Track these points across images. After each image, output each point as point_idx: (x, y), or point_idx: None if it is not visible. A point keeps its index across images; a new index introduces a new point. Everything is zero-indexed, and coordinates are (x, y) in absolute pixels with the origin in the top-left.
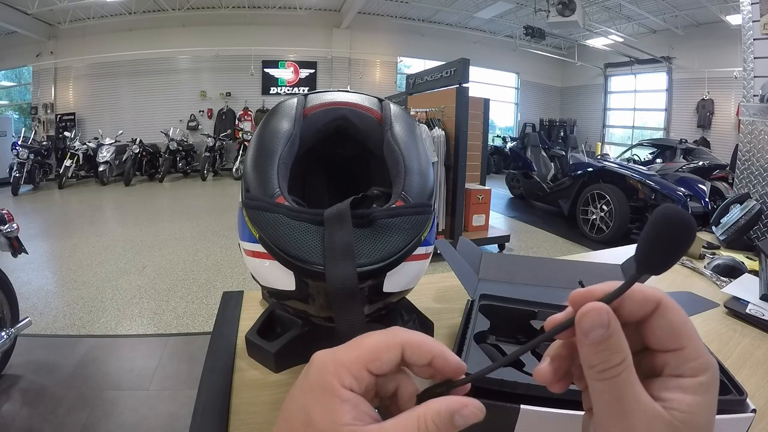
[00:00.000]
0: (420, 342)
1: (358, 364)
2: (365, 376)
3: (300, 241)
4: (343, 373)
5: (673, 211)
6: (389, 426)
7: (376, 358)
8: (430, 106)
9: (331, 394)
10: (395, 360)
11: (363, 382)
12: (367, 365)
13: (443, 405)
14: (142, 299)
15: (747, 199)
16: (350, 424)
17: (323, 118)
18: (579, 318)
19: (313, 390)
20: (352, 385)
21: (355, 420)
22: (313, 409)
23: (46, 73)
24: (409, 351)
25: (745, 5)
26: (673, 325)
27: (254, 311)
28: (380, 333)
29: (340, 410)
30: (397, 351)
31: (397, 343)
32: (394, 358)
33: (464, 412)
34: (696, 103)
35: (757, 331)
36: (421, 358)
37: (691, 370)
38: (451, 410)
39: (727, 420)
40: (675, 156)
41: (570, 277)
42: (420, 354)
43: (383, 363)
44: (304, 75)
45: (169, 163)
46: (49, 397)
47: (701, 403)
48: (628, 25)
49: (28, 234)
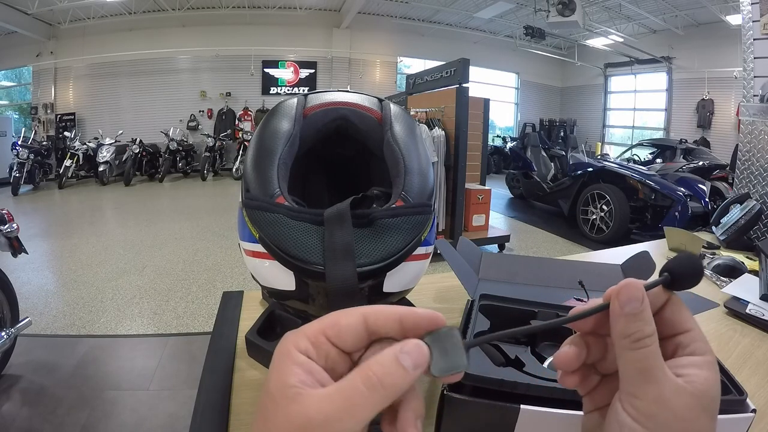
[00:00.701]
0: (383, 307)
1: (317, 330)
2: (323, 343)
3: (300, 241)
4: (300, 339)
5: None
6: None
7: (334, 325)
8: (430, 106)
9: (285, 357)
10: (355, 327)
11: (321, 350)
12: (324, 332)
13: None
14: (142, 299)
15: (747, 199)
16: (295, 386)
17: (323, 118)
18: (617, 292)
19: (274, 358)
20: (308, 350)
21: (302, 383)
22: (270, 375)
23: (46, 73)
24: (371, 318)
25: (745, 5)
26: (683, 311)
27: (254, 311)
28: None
29: (289, 371)
30: (356, 318)
31: (357, 312)
32: (353, 324)
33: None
34: (696, 103)
35: (757, 331)
36: (387, 323)
37: (699, 348)
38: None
39: (727, 420)
40: (675, 156)
41: (570, 277)
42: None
43: (342, 330)
44: (304, 75)
45: (169, 163)
46: (49, 397)
47: (712, 378)
48: (628, 25)
49: (28, 234)
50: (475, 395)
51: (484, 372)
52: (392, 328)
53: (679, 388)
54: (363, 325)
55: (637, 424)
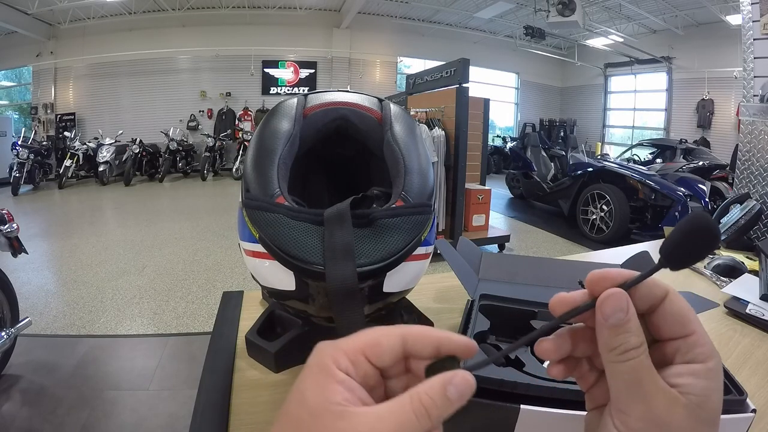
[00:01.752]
0: (422, 330)
1: (356, 349)
2: (362, 361)
3: (300, 241)
4: (340, 357)
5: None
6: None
7: (374, 344)
8: (430, 106)
9: (325, 374)
10: (394, 348)
11: (360, 369)
12: (364, 351)
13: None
14: (142, 299)
15: (747, 199)
16: (341, 404)
17: (323, 118)
18: (600, 302)
19: (311, 371)
20: (348, 368)
21: (347, 401)
22: (308, 388)
23: (46, 73)
24: (411, 340)
25: (745, 5)
26: (681, 312)
27: (254, 311)
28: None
29: (332, 389)
30: (396, 339)
31: (397, 333)
32: (393, 345)
33: (456, 381)
34: (696, 103)
35: (757, 331)
36: (425, 347)
37: (701, 355)
38: (443, 381)
39: (727, 420)
40: (675, 156)
41: (570, 277)
42: (423, 342)
43: (381, 350)
44: (304, 75)
45: (169, 163)
46: (49, 397)
47: (712, 387)
48: (628, 25)
49: (28, 234)
50: (475, 395)
51: (484, 372)
52: (428, 353)
53: (672, 401)
54: (401, 346)
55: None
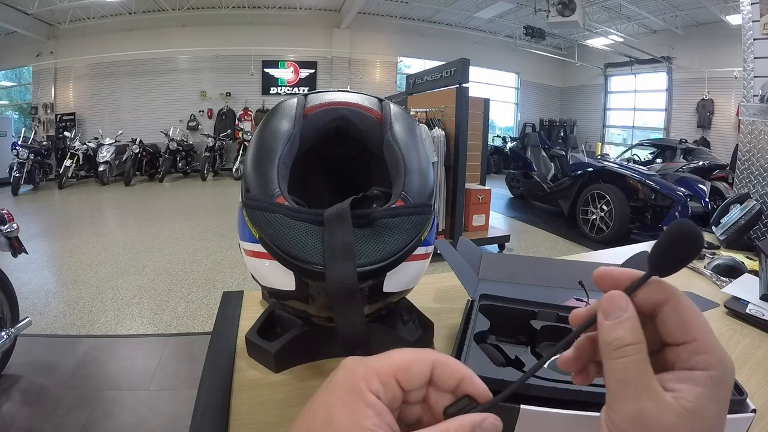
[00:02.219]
0: (450, 362)
1: (388, 372)
2: (393, 385)
3: (300, 241)
4: (372, 378)
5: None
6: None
7: (406, 369)
8: (430, 106)
9: (356, 396)
10: (424, 375)
11: (390, 392)
12: (396, 375)
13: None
14: (142, 299)
15: (747, 199)
16: (370, 429)
17: (323, 118)
18: (600, 303)
19: (339, 390)
20: (379, 391)
21: (376, 426)
22: (336, 408)
23: (46, 73)
24: (439, 369)
25: (745, 5)
26: (684, 317)
27: (254, 311)
28: (413, 349)
29: (363, 413)
30: (428, 366)
31: (428, 359)
32: (424, 372)
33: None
34: (696, 103)
35: (757, 331)
36: (449, 379)
37: (703, 362)
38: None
39: (727, 420)
40: (675, 156)
41: (570, 277)
42: (449, 374)
43: (413, 376)
44: (304, 75)
45: (169, 163)
46: (49, 397)
47: (709, 396)
48: (628, 25)
49: (28, 234)
50: None
51: (484, 372)
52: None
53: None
54: (430, 373)
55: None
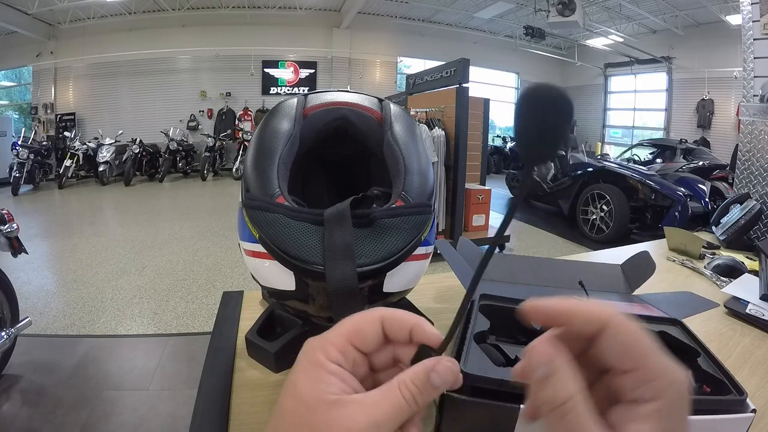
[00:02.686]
0: (398, 314)
1: (342, 338)
2: (350, 350)
3: (300, 241)
4: (330, 348)
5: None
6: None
7: (358, 331)
8: (430, 106)
9: (317, 366)
10: (376, 333)
11: (349, 357)
12: (350, 339)
13: (419, 366)
14: (142, 299)
15: (747, 199)
16: (335, 393)
17: (323, 118)
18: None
19: (302, 366)
20: (339, 359)
21: (341, 391)
22: (301, 381)
23: (46, 73)
24: (387, 324)
25: (745, 5)
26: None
27: (254, 311)
28: (361, 312)
29: (327, 380)
30: (377, 324)
31: (376, 316)
32: (375, 331)
33: (438, 369)
34: (696, 103)
35: (757, 331)
36: (400, 330)
37: (650, 391)
38: (426, 369)
39: (727, 420)
40: (675, 156)
41: (570, 277)
42: (398, 326)
43: (366, 336)
44: (304, 75)
45: (169, 163)
46: (49, 397)
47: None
48: (628, 25)
49: (28, 234)
50: (475, 395)
51: (484, 372)
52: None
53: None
54: (381, 330)
55: None
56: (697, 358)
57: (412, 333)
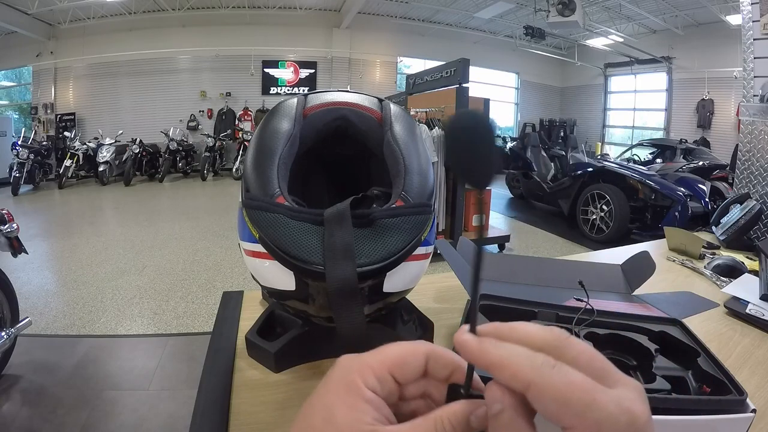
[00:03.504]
0: (444, 353)
1: (383, 366)
2: (388, 380)
3: (300, 241)
4: (368, 374)
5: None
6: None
7: (401, 363)
8: (430, 106)
9: (354, 393)
10: (419, 367)
11: (386, 387)
12: (391, 369)
13: (459, 406)
14: (142, 299)
15: (747, 199)
16: (371, 423)
17: (323, 118)
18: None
19: (338, 388)
20: (375, 387)
21: (375, 421)
22: (336, 406)
23: (46, 73)
24: (432, 361)
25: (745, 5)
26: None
27: (254, 311)
28: (406, 342)
29: (362, 409)
30: (422, 358)
31: (422, 351)
32: (418, 364)
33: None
34: (696, 103)
35: (757, 331)
36: (443, 369)
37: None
38: (466, 411)
39: (727, 420)
40: (675, 156)
41: (570, 277)
42: (442, 364)
43: (407, 369)
44: (304, 75)
45: (169, 163)
46: (49, 397)
47: None
48: (628, 25)
49: (28, 234)
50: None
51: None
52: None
53: None
54: (424, 365)
55: None
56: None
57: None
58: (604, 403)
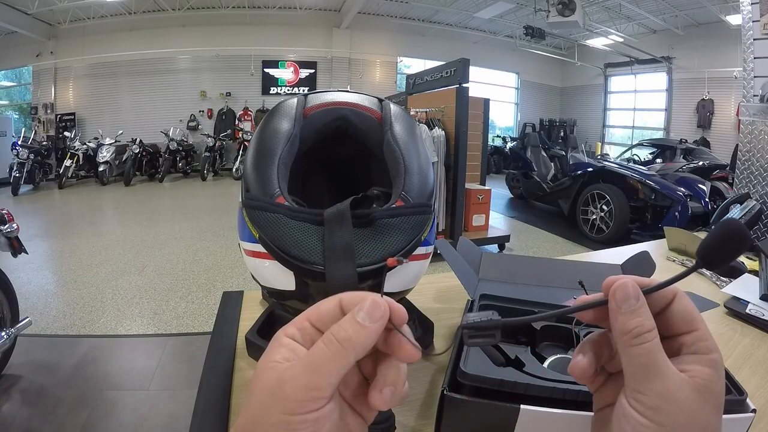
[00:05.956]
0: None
1: (301, 317)
2: (307, 327)
3: (300, 241)
4: (288, 327)
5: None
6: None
7: (314, 310)
8: (430, 106)
9: (275, 342)
10: (332, 310)
11: (306, 334)
12: (308, 317)
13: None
14: (142, 299)
15: (747, 199)
16: (276, 361)
17: (323, 118)
18: (613, 291)
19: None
20: (294, 334)
21: (285, 359)
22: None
23: (46, 73)
24: (345, 301)
25: (745, 5)
26: (688, 310)
27: (254, 311)
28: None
29: (274, 352)
30: (334, 302)
31: (335, 297)
32: (331, 308)
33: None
34: (696, 103)
35: (757, 331)
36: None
37: (705, 348)
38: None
39: (727, 420)
40: (675, 156)
41: (570, 277)
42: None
43: (321, 314)
44: (304, 75)
45: (169, 163)
46: (49, 397)
47: (716, 374)
48: (628, 25)
49: (28, 234)
50: (475, 395)
51: (484, 372)
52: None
53: (683, 382)
54: (339, 308)
55: (643, 417)
56: None
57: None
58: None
